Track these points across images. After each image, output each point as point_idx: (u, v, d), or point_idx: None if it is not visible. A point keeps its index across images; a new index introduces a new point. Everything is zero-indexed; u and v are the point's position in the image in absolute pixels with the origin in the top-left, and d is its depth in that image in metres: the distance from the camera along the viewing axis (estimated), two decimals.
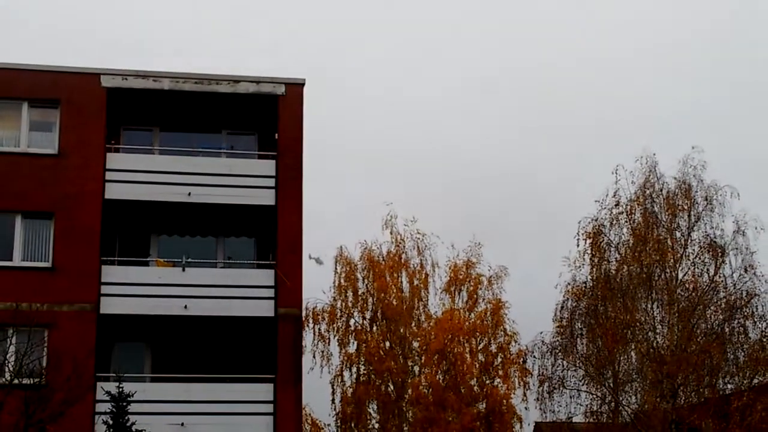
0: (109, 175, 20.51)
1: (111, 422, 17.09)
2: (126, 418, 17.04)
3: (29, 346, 16.46)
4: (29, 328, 17.02)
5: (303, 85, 21.92)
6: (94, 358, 18.90)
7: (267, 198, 21.03)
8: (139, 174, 20.71)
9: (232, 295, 20.14)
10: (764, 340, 22.44)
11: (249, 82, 21.48)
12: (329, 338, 27.09)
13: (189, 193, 20.42)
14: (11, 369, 16.54)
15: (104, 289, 19.89)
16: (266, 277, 20.73)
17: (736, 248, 23.31)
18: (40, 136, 20.99)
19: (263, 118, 22.19)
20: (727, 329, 22.94)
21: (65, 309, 19.58)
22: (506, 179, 50.33)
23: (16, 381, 16.15)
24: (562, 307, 24.39)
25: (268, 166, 21.26)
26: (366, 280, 27.37)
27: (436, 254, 27.78)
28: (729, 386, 22.87)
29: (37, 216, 20.33)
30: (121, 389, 17.18)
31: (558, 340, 24.31)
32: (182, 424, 18.99)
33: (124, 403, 17.13)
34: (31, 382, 16.35)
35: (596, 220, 24.26)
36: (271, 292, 20.31)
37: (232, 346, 21.07)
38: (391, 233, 27.66)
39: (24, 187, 20.03)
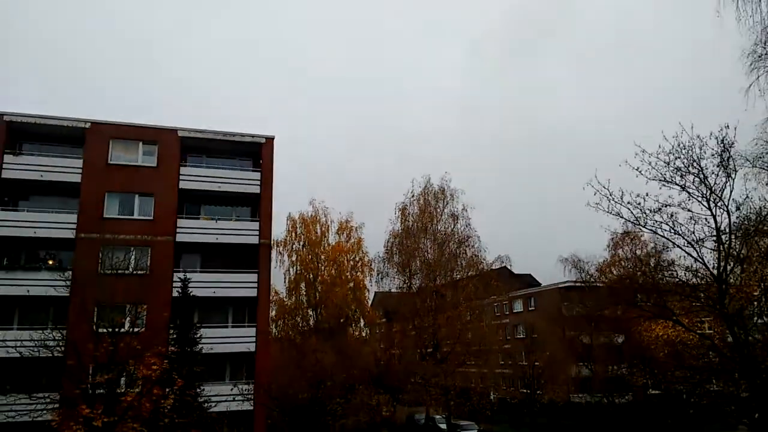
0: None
1: (180, 292, 35.40)
2: (189, 290, 34.89)
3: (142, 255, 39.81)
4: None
5: (273, 138, 44.52)
6: (173, 260, 40.33)
7: (255, 188, 42.12)
8: None
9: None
10: (475, 257, 50.64)
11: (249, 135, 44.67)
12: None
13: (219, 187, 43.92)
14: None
15: (178, 230, 41.24)
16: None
17: (463, 216, 51.59)
18: (149, 158, 43.12)
19: (254, 152, 44.09)
20: (457, 251, 50.83)
21: (158, 239, 40.52)
22: None
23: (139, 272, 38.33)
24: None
25: (256, 174, 42.56)
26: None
27: None
28: (458, 275, 50.62)
29: (145, 195, 41.78)
30: (186, 276, 36.00)
31: None
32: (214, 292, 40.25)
33: (187, 282, 35.31)
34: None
35: (404, 203, 52.13)
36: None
37: None
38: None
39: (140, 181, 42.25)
